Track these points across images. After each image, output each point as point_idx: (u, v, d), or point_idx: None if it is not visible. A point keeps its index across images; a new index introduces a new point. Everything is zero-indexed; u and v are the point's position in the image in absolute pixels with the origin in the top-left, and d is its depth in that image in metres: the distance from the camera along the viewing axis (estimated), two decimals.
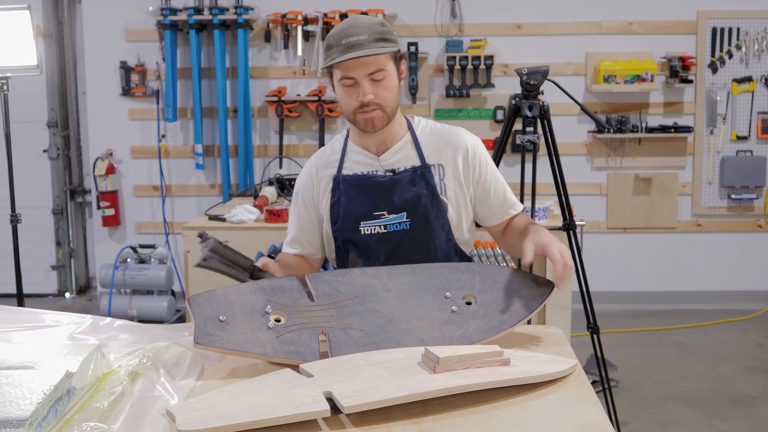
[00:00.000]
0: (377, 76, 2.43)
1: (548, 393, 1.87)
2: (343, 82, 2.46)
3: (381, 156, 2.59)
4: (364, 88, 2.43)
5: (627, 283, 6.55)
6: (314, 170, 2.67)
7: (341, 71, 2.44)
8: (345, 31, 2.41)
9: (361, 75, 2.42)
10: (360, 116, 2.49)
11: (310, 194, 2.66)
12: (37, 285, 6.88)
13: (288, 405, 1.69)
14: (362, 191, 2.56)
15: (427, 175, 2.55)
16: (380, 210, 2.54)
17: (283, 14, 6.34)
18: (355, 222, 2.56)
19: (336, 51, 2.41)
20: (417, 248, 2.54)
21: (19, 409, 1.57)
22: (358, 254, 2.57)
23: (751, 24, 6.33)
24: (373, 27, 2.42)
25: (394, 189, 2.55)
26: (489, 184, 2.63)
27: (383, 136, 2.57)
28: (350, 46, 2.38)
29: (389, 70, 2.46)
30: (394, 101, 2.50)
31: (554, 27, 6.40)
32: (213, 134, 6.59)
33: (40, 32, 6.52)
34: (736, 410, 4.54)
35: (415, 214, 2.53)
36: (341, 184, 2.59)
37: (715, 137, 6.44)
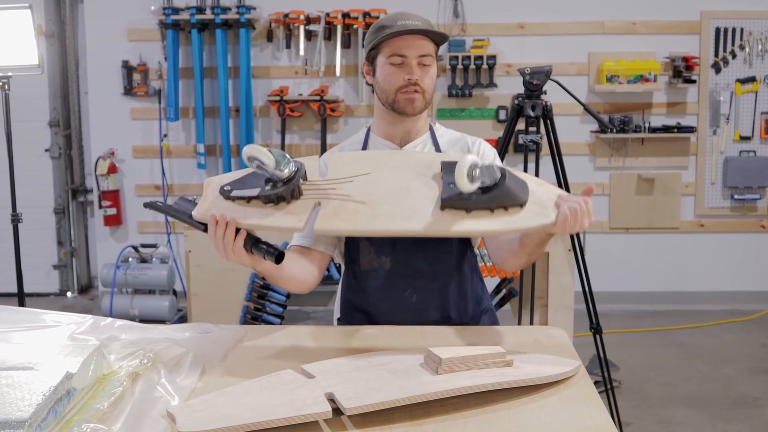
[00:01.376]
0: (426, 60, 2.47)
1: (551, 395, 1.86)
2: (391, 60, 2.48)
3: (404, 147, 2.59)
4: (414, 68, 2.47)
5: (629, 283, 6.54)
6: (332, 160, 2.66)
7: (392, 48, 2.47)
8: (400, 15, 2.49)
9: (413, 54, 2.46)
10: (402, 95, 2.50)
11: None
12: (39, 284, 6.88)
13: (289, 406, 1.69)
14: None
15: None
16: None
17: (286, 14, 6.33)
18: None
19: (392, 30, 2.45)
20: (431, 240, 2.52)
21: (18, 410, 1.56)
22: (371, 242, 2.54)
23: (754, 24, 6.32)
24: (424, 19, 2.50)
25: None
26: None
27: (410, 126, 2.59)
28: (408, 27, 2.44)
29: (433, 61, 2.51)
30: (432, 91, 2.55)
31: (557, 27, 6.38)
32: (215, 134, 6.58)
33: (42, 31, 6.52)
34: (739, 411, 4.53)
35: None
36: None
37: (718, 137, 6.43)
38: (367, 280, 2.55)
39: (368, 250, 2.55)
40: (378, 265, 2.54)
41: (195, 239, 4.61)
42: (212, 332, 2.29)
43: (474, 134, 2.72)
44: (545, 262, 4.50)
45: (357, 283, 2.59)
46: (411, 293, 2.50)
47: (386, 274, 2.52)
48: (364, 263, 2.55)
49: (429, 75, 2.50)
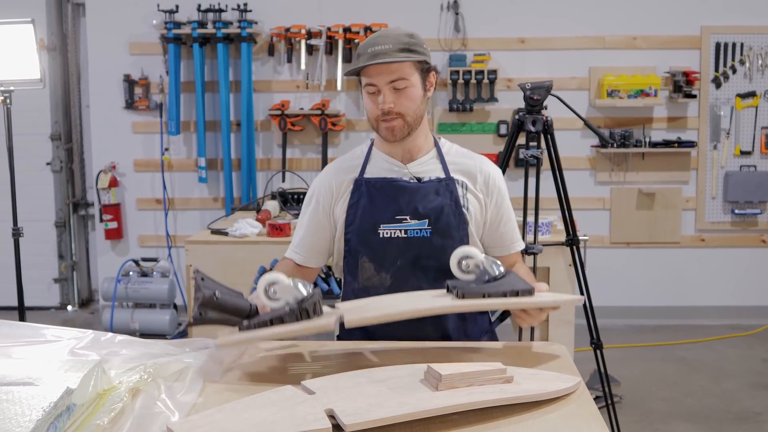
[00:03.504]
0: (399, 84, 2.46)
1: (552, 411, 1.85)
2: (366, 89, 2.49)
3: (408, 164, 2.60)
4: (385, 96, 2.46)
5: (630, 298, 6.53)
6: (334, 173, 2.66)
7: (366, 78, 2.48)
8: (372, 41, 2.47)
9: (383, 83, 2.45)
10: (382, 124, 2.51)
11: (325, 197, 2.65)
12: (40, 298, 6.88)
13: (289, 422, 1.68)
14: (386, 194, 2.56)
15: (451, 186, 2.56)
16: (403, 214, 2.54)
17: (287, 28, 6.35)
18: (374, 224, 2.55)
19: (362, 59, 2.46)
20: (435, 257, 2.53)
21: (18, 426, 1.55)
22: (370, 259, 2.55)
23: (754, 39, 6.33)
24: (399, 38, 2.46)
25: (419, 195, 2.54)
26: (502, 215, 2.64)
27: (409, 146, 2.59)
28: (374, 54, 2.43)
29: (412, 80, 2.48)
30: (416, 111, 2.52)
31: (558, 41, 6.40)
32: (216, 148, 6.59)
33: (44, 45, 6.54)
34: (741, 426, 4.51)
35: (438, 222, 2.53)
36: (363, 186, 2.58)
37: (718, 152, 6.44)
38: (367, 295, 2.55)
39: (368, 267, 2.55)
40: (378, 282, 2.54)
41: (196, 253, 4.60)
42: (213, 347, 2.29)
43: (475, 148, 2.73)
44: (546, 277, 4.50)
45: (356, 297, 2.57)
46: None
47: (386, 291, 2.52)
48: (364, 279, 2.56)
49: (406, 97, 2.47)
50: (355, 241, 2.58)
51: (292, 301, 2.12)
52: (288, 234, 4.62)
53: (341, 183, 2.63)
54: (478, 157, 2.66)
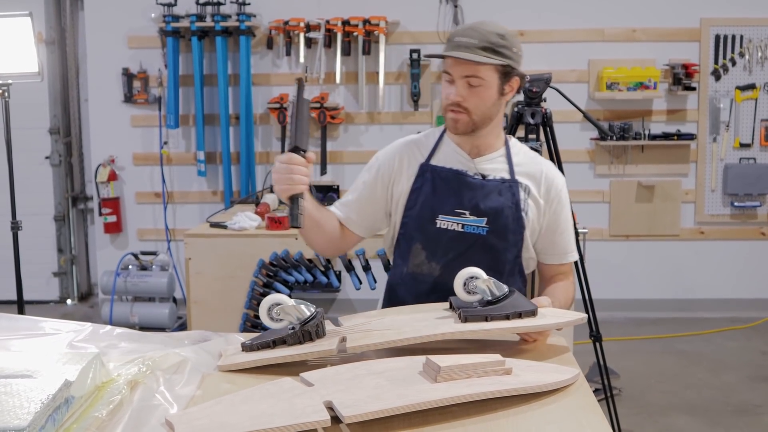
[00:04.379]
0: (473, 81, 2.47)
1: (551, 403, 1.85)
2: (444, 76, 2.53)
3: (475, 159, 2.61)
4: (457, 89, 2.48)
5: (629, 290, 6.53)
6: (403, 150, 2.69)
7: (445, 64, 2.51)
8: (462, 30, 2.49)
9: (458, 74, 2.47)
10: (449, 114, 2.53)
11: (389, 169, 2.67)
12: (39, 292, 6.87)
13: (288, 414, 1.68)
14: (450, 186, 2.58)
15: (514, 189, 2.58)
16: (463, 209, 2.56)
17: (286, 21, 6.34)
18: (433, 213, 2.57)
19: (446, 47, 2.49)
20: (487, 256, 2.56)
21: (16, 418, 1.55)
22: (424, 247, 2.57)
23: (754, 31, 6.32)
24: (487, 35, 2.45)
25: (482, 193, 2.56)
26: (559, 224, 2.65)
27: (478, 142, 2.60)
28: (457, 45, 2.45)
29: (488, 81, 2.48)
30: (484, 111, 2.52)
31: (557, 34, 6.39)
32: (215, 141, 6.58)
33: (42, 39, 6.53)
34: (740, 419, 4.52)
35: (496, 223, 2.55)
36: (429, 172, 2.60)
37: (718, 145, 6.43)
38: (415, 282, 2.59)
39: (421, 254, 2.57)
40: (427, 270, 2.58)
41: (195, 247, 4.60)
42: (212, 340, 2.29)
43: None
44: None
45: (403, 282, 2.64)
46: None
47: (434, 280, 2.57)
48: (414, 266, 2.59)
49: (477, 95, 2.48)
50: (411, 226, 2.61)
51: (296, 321, 2.12)
52: (287, 227, 4.62)
53: (407, 162, 2.65)
54: (545, 163, 2.68)
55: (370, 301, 2.81)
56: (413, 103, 6.38)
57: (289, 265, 4.57)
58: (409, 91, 6.36)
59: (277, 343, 2.12)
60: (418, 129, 6.37)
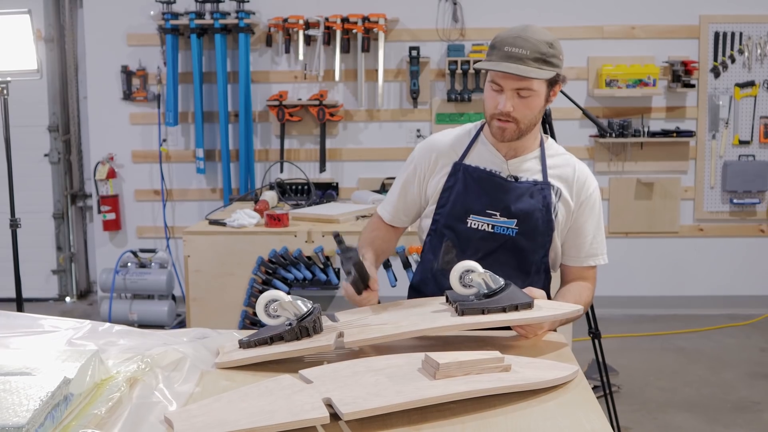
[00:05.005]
0: (524, 93, 2.47)
1: (549, 399, 1.86)
2: (491, 85, 2.51)
3: (510, 160, 2.62)
4: (507, 100, 2.47)
5: (629, 287, 6.53)
6: (436, 146, 2.71)
7: (492, 74, 2.49)
8: (512, 40, 2.46)
9: (509, 87, 2.46)
10: (495, 123, 2.53)
11: (424, 167, 2.70)
12: (38, 289, 6.87)
13: (287, 411, 1.69)
14: (482, 186, 2.59)
15: (546, 191, 2.59)
16: (494, 209, 2.58)
17: (285, 18, 6.33)
18: (464, 213, 2.60)
19: (495, 55, 2.46)
20: (515, 256, 2.58)
21: (15, 415, 1.56)
22: (455, 244, 2.59)
23: (753, 28, 6.32)
24: (538, 46, 2.47)
25: (513, 195, 2.58)
26: (585, 225, 2.66)
27: (515, 145, 2.61)
28: (508, 56, 2.43)
29: (538, 90, 2.49)
30: (532, 120, 2.53)
31: (556, 31, 6.29)
32: (214, 138, 6.58)
33: (41, 36, 6.52)
34: (739, 416, 4.52)
35: (526, 225, 2.56)
36: (461, 172, 2.62)
37: (717, 142, 6.43)
38: (443, 278, 2.59)
39: (451, 251, 2.58)
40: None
41: (194, 244, 4.60)
42: (211, 337, 2.29)
43: None
44: None
45: (432, 277, 2.67)
46: None
47: None
48: (444, 263, 2.59)
49: (527, 105, 2.48)
50: (442, 223, 2.64)
51: (292, 318, 2.13)
52: (286, 224, 4.63)
53: (442, 159, 2.67)
54: (579, 165, 2.69)
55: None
56: (412, 100, 6.38)
57: (288, 263, 4.57)
58: (408, 89, 6.36)
59: (274, 339, 2.12)
60: (417, 127, 6.44)
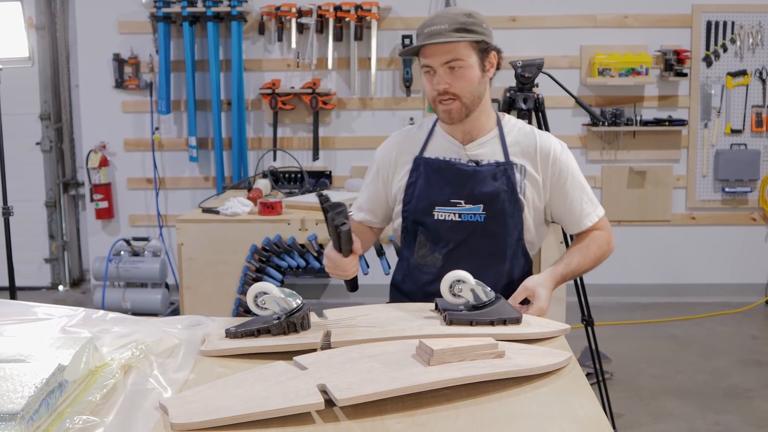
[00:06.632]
0: (454, 64, 2.45)
1: (543, 385, 1.87)
2: (423, 69, 2.50)
3: (467, 145, 2.60)
4: (440, 77, 2.46)
5: (621, 275, 6.55)
6: (396, 145, 2.71)
7: (422, 59, 2.48)
8: (430, 21, 2.47)
9: (438, 63, 2.45)
10: (439, 107, 2.52)
11: (386, 168, 2.70)
12: (31, 278, 6.86)
13: (282, 398, 1.69)
14: (443, 176, 2.58)
15: (509, 171, 2.56)
16: (458, 198, 2.56)
17: (277, 6, 6.32)
18: (429, 206, 2.58)
19: (419, 39, 2.47)
20: (488, 242, 2.57)
21: (10, 402, 1.56)
22: (426, 237, 2.59)
23: (745, 18, 6.33)
24: (456, 17, 2.45)
25: (476, 180, 2.56)
26: (566, 192, 2.62)
27: (469, 127, 2.59)
28: (430, 34, 2.43)
29: (469, 61, 2.47)
30: (473, 92, 2.51)
31: (549, 20, 6.38)
32: (207, 127, 6.57)
33: (33, 24, 6.49)
34: (730, 402, 4.55)
35: (492, 208, 2.55)
36: (422, 165, 2.61)
37: (709, 130, 6.44)
38: (419, 273, 2.60)
39: (425, 244, 2.58)
40: (431, 261, 2.60)
41: (187, 232, 4.60)
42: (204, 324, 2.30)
43: None
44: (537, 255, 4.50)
45: (410, 274, 2.66)
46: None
47: (438, 271, 2.56)
48: (419, 257, 2.61)
49: (462, 78, 2.46)
50: (411, 219, 2.63)
51: (281, 312, 2.13)
52: (279, 212, 4.63)
53: (402, 157, 2.67)
54: (539, 135, 2.64)
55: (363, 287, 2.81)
56: (405, 88, 6.37)
57: (281, 251, 4.57)
58: (401, 77, 6.35)
59: (261, 332, 2.12)
60: (410, 115, 6.44)
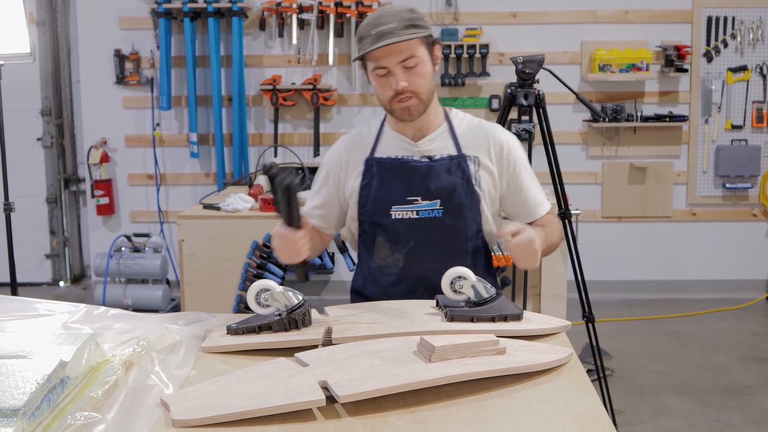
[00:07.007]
0: (409, 63, 2.43)
1: (544, 382, 1.87)
2: (376, 72, 2.46)
3: (418, 142, 2.58)
4: (397, 76, 2.43)
5: (622, 272, 6.55)
6: (346, 148, 2.67)
7: (374, 61, 2.44)
8: (375, 21, 2.42)
9: (393, 63, 2.42)
10: (396, 105, 2.48)
11: (337, 172, 2.66)
12: (32, 274, 6.87)
13: (283, 394, 1.69)
14: (397, 175, 2.55)
15: (463, 164, 2.55)
16: (414, 195, 2.54)
17: (278, 2, 6.31)
18: (386, 206, 2.55)
19: (367, 41, 2.41)
20: (447, 237, 2.54)
21: (12, 398, 1.56)
22: (386, 239, 2.57)
23: (746, 13, 6.32)
24: (402, 14, 2.43)
25: (430, 175, 2.54)
26: (520, 183, 2.62)
27: (420, 124, 2.57)
28: (381, 35, 2.39)
29: (421, 56, 2.45)
30: (428, 88, 2.49)
31: (550, 16, 6.38)
32: (207, 123, 6.57)
33: (34, 19, 6.49)
34: (731, 399, 4.55)
35: (449, 202, 2.53)
36: (374, 166, 2.58)
37: (709, 126, 6.44)
38: (381, 275, 2.58)
39: (384, 246, 2.56)
40: (392, 262, 2.57)
41: (188, 228, 4.60)
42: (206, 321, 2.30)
43: None
44: None
45: (371, 277, 2.62)
46: (422, 291, 2.52)
47: (400, 271, 2.55)
48: (379, 259, 2.58)
49: (418, 74, 2.44)
50: (368, 222, 2.59)
51: (283, 308, 2.13)
52: None
53: (353, 159, 2.63)
54: (491, 127, 2.63)
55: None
56: None
57: None
58: None
59: (262, 328, 2.13)
60: None
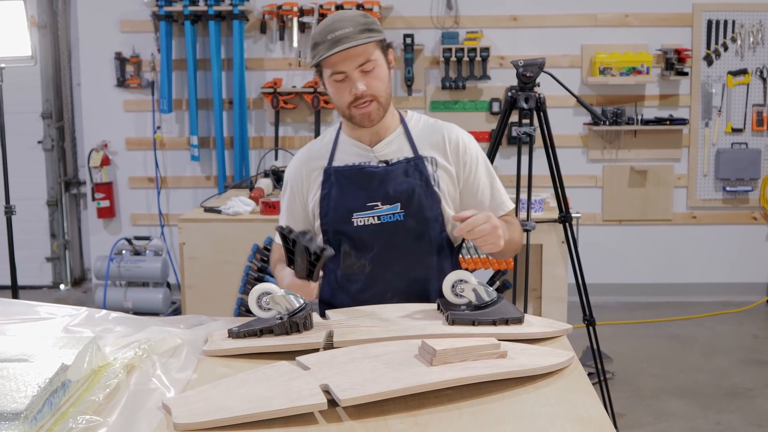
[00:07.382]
0: (367, 67, 2.41)
1: (545, 386, 1.87)
2: (333, 77, 2.44)
3: (375, 147, 2.57)
4: (356, 80, 2.41)
5: (622, 275, 6.55)
6: (304, 161, 2.65)
7: (331, 67, 2.42)
8: (329, 27, 2.39)
9: (351, 67, 2.40)
10: (355, 111, 2.47)
11: (299, 185, 2.64)
12: (32, 277, 6.87)
13: (285, 398, 1.69)
14: (355, 182, 2.54)
15: (420, 166, 2.53)
16: (374, 200, 2.52)
17: (279, 5, 6.32)
18: (347, 214, 2.53)
19: (323, 47, 2.39)
20: (411, 240, 2.53)
21: (14, 402, 1.56)
22: (350, 246, 2.55)
23: (746, 16, 6.33)
24: (356, 19, 2.41)
25: (388, 179, 2.52)
26: (478, 182, 2.60)
27: (377, 128, 2.55)
28: (337, 40, 2.36)
29: (378, 60, 2.43)
30: (386, 91, 2.48)
31: (550, 19, 6.38)
32: (208, 126, 6.57)
33: (35, 22, 6.50)
34: (731, 402, 4.55)
35: (410, 205, 2.51)
36: (333, 176, 2.56)
37: (710, 129, 6.44)
38: (348, 283, 2.57)
39: (349, 254, 2.55)
40: (359, 269, 2.55)
41: (189, 232, 4.60)
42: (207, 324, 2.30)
43: (467, 126, 2.70)
44: (539, 254, 4.51)
45: (339, 285, 2.61)
46: (391, 296, 2.51)
47: (366, 278, 2.54)
48: (346, 267, 2.56)
49: (376, 78, 2.43)
50: (331, 231, 2.57)
51: (284, 312, 2.13)
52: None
53: (312, 171, 2.61)
54: (446, 127, 2.62)
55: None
56: (407, 88, 6.37)
57: None
58: (403, 76, 6.35)
59: (264, 332, 2.12)
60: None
